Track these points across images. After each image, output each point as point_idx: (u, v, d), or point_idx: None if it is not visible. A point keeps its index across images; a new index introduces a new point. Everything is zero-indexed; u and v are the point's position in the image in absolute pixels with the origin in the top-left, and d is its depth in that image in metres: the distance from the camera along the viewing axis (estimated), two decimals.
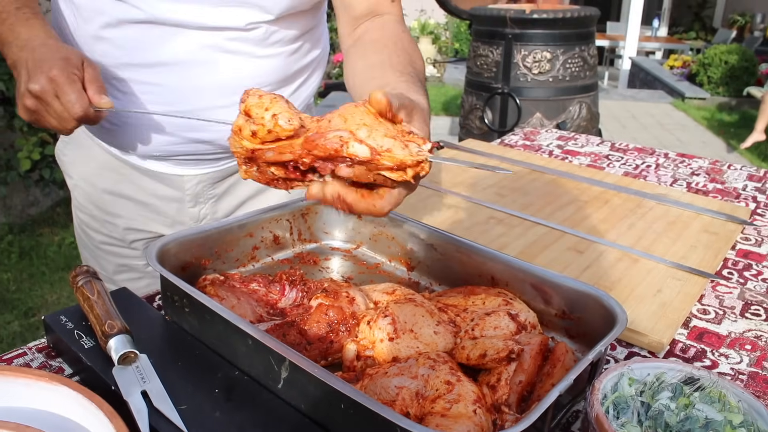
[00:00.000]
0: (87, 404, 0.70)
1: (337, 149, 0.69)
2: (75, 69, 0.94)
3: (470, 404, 0.68)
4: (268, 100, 0.73)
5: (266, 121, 0.72)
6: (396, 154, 0.68)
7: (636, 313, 1.00)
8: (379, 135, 0.69)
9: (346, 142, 0.69)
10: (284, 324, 0.82)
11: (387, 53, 0.97)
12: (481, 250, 0.96)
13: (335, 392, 0.65)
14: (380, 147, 0.68)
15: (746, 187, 1.63)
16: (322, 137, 0.70)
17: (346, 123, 0.70)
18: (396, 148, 0.68)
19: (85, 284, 0.89)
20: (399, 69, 0.92)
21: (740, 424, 0.64)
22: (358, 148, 0.68)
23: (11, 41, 0.98)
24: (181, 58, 1.07)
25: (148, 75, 1.08)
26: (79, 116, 0.94)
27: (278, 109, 0.71)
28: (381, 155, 0.68)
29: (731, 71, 8.64)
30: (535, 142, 1.97)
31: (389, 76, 0.90)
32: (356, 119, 0.70)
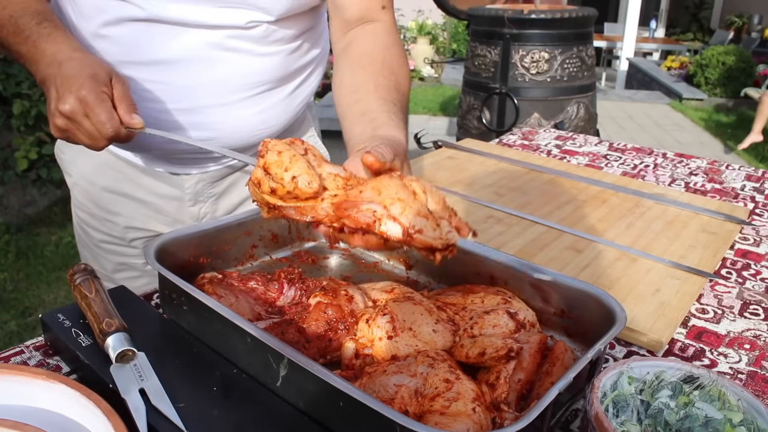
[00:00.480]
0: (85, 402, 0.70)
1: (369, 224, 0.69)
2: (104, 86, 0.93)
3: (469, 402, 0.68)
4: (287, 158, 0.73)
5: (286, 183, 0.72)
6: (426, 237, 0.68)
7: (635, 312, 1.00)
8: (412, 213, 0.69)
9: (379, 218, 0.69)
10: (283, 322, 0.81)
11: (373, 73, 1.00)
12: (480, 249, 0.96)
13: (334, 390, 0.65)
14: (413, 227, 0.68)
15: (744, 187, 1.63)
16: (355, 208, 0.70)
17: (380, 196, 0.70)
18: (428, 230, 0.68)
19: (83, 282, 0.89)
20: (383, 95, 0.95)
21: (740, 423, 0.64)
22: (391, 227, 0.68)
23: (38, 59, 0.97)
24: (182, 55, 1.07)
25: (148, 73, 1.08)
26: (110, 136, 0.93)
27: (298, 170, 0.72)
28: (413, 237, 0.68)
29: (729, 72, 8.66)
30: (533, 142, 1.97)
31: (372, 103, 0.94)
32: (391, 192, 0.70)
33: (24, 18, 0.99)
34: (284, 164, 0.73)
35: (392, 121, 0.91)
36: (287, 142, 0.79)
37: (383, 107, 0.93)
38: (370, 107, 0.94)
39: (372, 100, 0.95)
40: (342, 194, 0.73)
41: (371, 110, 0.93)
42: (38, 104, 3.69)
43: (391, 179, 0.72)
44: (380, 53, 1.04)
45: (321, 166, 0.76)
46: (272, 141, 0.77)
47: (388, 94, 0.97)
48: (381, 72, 1.00)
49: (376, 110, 0.93)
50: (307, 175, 0.72)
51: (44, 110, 3.69)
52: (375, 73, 1.00)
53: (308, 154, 0.77)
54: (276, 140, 0.77)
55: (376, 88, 0.97)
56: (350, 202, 0.71)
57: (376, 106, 0.94)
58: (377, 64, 1.02)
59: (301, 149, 0.78)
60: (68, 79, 0.92)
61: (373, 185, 0.71)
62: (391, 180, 0.72)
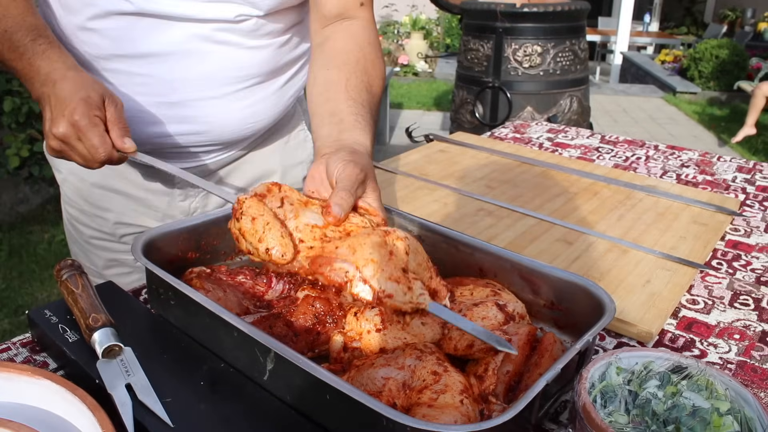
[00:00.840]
0: (70, 398, 0.69)
1: (341, 284, 0.72)
2: (96, 110, 0.94)
3: (457, 394, 0.68)
4: (261, 227, 0.76)
5: (261, 253, 0.75)
6: (396, 301, 0.71)
7: (625, 303, 0.99)
8: (384, 277, 0.71)
9: (351, 279, 0.71)
10: (270, 316, 0.81)
11: (346, 72, 1.01)
12: (469, 241, 0.95)
13: (320, 383, 0.65)
14: (383, 292, 0.71)
15: (735, 178, 1.63)
16: (329, 266, 0.72)
17: (354, 255, 0.72)
18: (398, 294, 0.72)
19: (70, 278, 0.88)
20: (353, 95, 0.98)
21: (727, 412, 0.64)
22: (362, 289, 0.71)
23: (32, 77, 0.98)
24: (170, 48, 1.06)
25: (136, 66, 1.07)
26: (102, 160, 0.95)
27: (272, 242, 0.75)
28: (382, 301, 0.71)
29: (722, 66, 8.67)
30: (525, 135, 1.97)
31: (341, 103, 0.97)
32: (365, 252, 0.73)
33: (18, 33, 0.98)
34: (258, 234, 0.76)
35: (359, 123, 0.94)
36: (262, 193, 0.82)
37: (352, 109, 0.96)
38: (339, 108, 0.96)
39: (342, 100, 0.97)
40: (318, 247, 0.76)
41: (339, 111, 0.96)
42: (29, 101, 3.67)
43: (369, 237, 0.74)
44: (355, 52, 1.05)
45: (298, 216, 0.80)
46: (247, 201, 0.80)
47: (358, 94, 0.99)
48: (354, 71, 1.02)
49: (344, 111, 0.95)
50: (281, 246, 0.75)
51: (35, 107, 3.67)
52: (348, 73, 1.01)
53: (284, 205, 0.81)
54: (251, 200, 0.80)
55: (347, 88, 0.99)
56: (324, 258, 0.73)
57: (345, 107, 0.96)
58: (351, 63, 1.03)
59: (278, 199, 0.81)
60: (61, 101, 0.93)
61: (350, 242, 0.74)
62: (368, 238, 0.74)
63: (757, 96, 6.63)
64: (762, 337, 0.96)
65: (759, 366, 0.89)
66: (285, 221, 0.80)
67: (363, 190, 0.86)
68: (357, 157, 0.87)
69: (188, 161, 1.21)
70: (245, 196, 0.82)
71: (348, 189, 0.82)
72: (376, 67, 1.06)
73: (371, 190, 0.87)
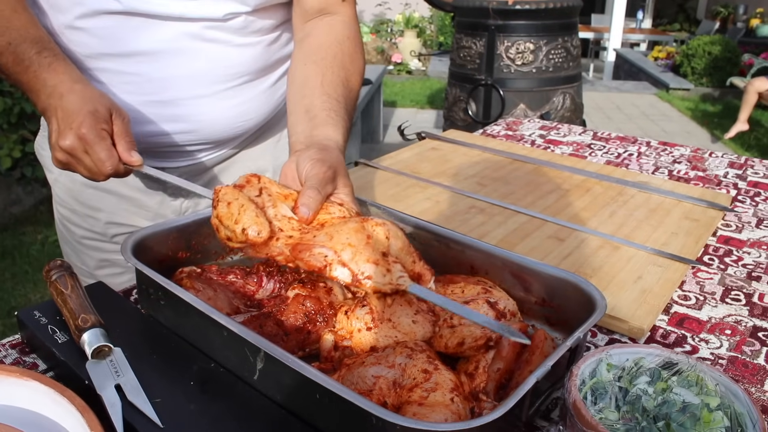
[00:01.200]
0: (59, 399, 0.69)
1: (321, 268, 0.73)
2: (104, 123, 0.94)
3: (447, 392, 0.67)
4: (236, 209, 0.78)
5: (238, 234, 0.77)
6: (376, 282, 0.73)
7: (617, 299, 0.99)
8: (362, 259, 0.73)
9: (330, 263, 0.73)
10: (261, 315, 0.81)
11: (323, 67, 1.03)
12: (459, 238, 0.95)
13: (310, 382, 0.64)
14: (362, 273, 0.73)
15: (727, 174, 1.63)
16: (308, 251, 0.74)
17: (331, 241, 0.74)
18: (377, 275, 0.73)
19: (59, 279, 0.88)
20: (328, 91, 1.00)
21: (717, 407, 0.64)
22: (341, 272, 0.73)
23: (38, 89, 0.97)
24: (159, 47, 1.05)
25: (125, 65, 1.07)
26: (109, 173, 0.95)
27: (247, 222, 0.76)
28: (361, 282, 0.73)
29: (715, 62, 8.69)
30: (517, 132, 1.97)
31: (316, 99, 0.99)
32: (342, 238, 0.75)
33: (23, 46, 0.98)
34: (234, 216, 0.77)
35: (330, 119, 0.96)
36: (240, 184, 0.84)
37: (325, 104, 0.98)
38: (313, 104, 0.98)
39: (316, 96, 0.99)
40: (297, 236, 0.78)
41: (313, 107, 0.97)
42: (21, 101, 3.66)
43: (346, 224, 0.77)
44: (333, 47, 1.06)
45: (276, 206, 0.81)
46: (223, 189, 0.82)
47: (333, 90, 1.00)
48: (330, 67, 1.03)
49: (318, 107, 0.97)
50: (256, 225, 0.76)
51: (27, 108, 3.66)
52: (324, 68, 1.03)
53: (263, 195, 0.82)
54: (227, 188, 0.82)
55: (322, 83, 1.01)
56: (304, 245, 0.75)
57: (319, 102, 0.98)
58: (328, 58, 1.04)
59: (256, 189, 0.83)
60: (69, 115, 0.93)
61: (327, 230, 0.77)
62: (344, 225, 0.77)
63: (749, 92, 6.65)
64: (753, 332, 0.96)
65: (750, 361, 0.89)
66: (264, 209, 0.81)
67: (333, 187, 0.87)
68: (326, 154, 0.88)
69: (180, 160, 1.21)
70: (221, 186, 0.83)
71: (315, 187, 0.83)
72: (355, 61, 1.07)
73: (342, 185, 0.88)
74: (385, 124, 6.91)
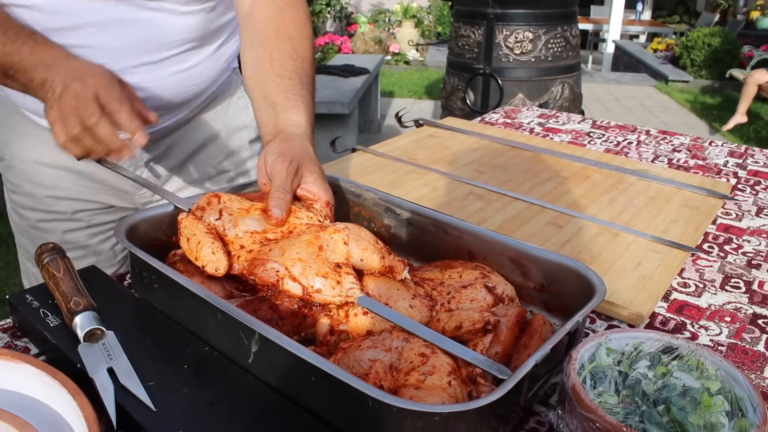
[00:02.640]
0: (50, 382, 0.68)
1: (273, 283, 0.78)
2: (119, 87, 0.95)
3: (445, 376, 0.66)
4: (194, 246, 0.82)
5: (198, 265, 0.81)
6: (325, 295, 0.76)
7: (616, 286, 0.99)
8: (311, 273, 0.77)
9: (282, 278, 0.77)
10: (255, 299, 0.79)
11: (269, 46, 1.03)
12: (457, 223, 0.94)
13: (305, 364, 0.63)
14: (311, 287, 0.76)
15: (727, 163, 1.62)
16: (262, 266, 0.78)
17: (283, 256, 0.78)
18: (326, 288, 0.76)
19: (51, 262, 0.86)
20: (279, 71, 1.01)
21: (717, 392, 0.63)
22: (292, 286, 0.77)
23: (35, 64, 0.95)
24: (105, 17, 1.06)
25: (75, 38, 1.06)
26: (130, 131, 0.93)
27: (204, 259, 0.80)
28: (311, 296, 0.76)
29: (714, 54, 8.66)
30: (516, 120, 1.95)
31: (270, 84, 1.00)
32: (293, 253, 0.78)
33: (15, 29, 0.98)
34: (193, 252, 0.82)
35: (289, 101, 0.97)
36: (202, 206, 0.88)
37: (280, 86, 0.99)
38: (269, 89, 0.99)
39: (270, 80, 1.00)
40: (256, 250, 0.82)
41: (270, 93, 0.99)
42: None
43: (299, 237, 0.81)
44: (275, 19, 1.06)
45: (237, 224, 0.85)
46: (183, 222, 0.86)
47: (283, 67, 1.01)
48: (276, 43, 1.04)
49: (274, 92, 0.98)
50: (212, 263, 0.80)
51: None
52: (270, 47, 1.03)
53: (222, 216, 0.86)
54: (186, 219, 0.86)
55: (272, 64, 1.01)
56: (258, 260, 0.79)
57: (274, 86, 0.99)
58: (272, 35, 1.05)
59: (216, 211, 0.87)
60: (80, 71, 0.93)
61: (281, 245, 0.80)
62: (297, 239, 0.81)
63: (749, 84, 6.63)
64: (753, 319, 0.95)
65: (750, 348, 0.89)
66: (225, 231, 0.85)
67: (299, 179, 0.89)
68: (288, 144, 0.90)
69: None
70: (183, 216, 0.87)
71: (281, 187, 0.86)
72: (299, 27, 1.07)
73: (308, 173, 0.90)
74: (383, 114, 6.89)
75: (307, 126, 0.96)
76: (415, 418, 0.59)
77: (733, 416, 0.61)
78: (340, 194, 1.07)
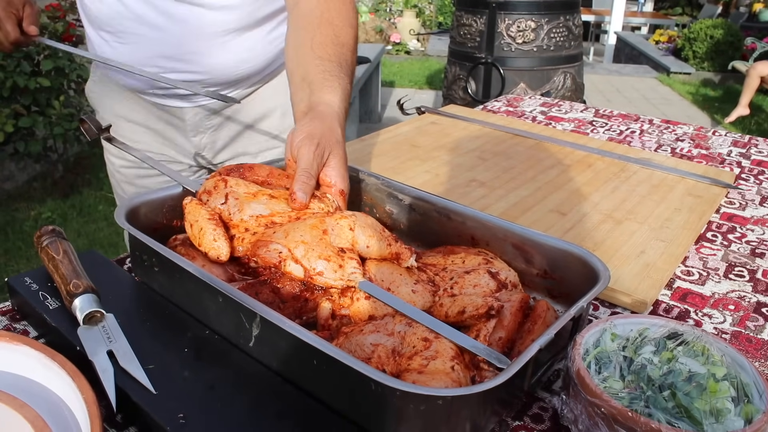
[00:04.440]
0: (49, 363, 0.67)
1: (275, 264, 0.78)
2: (14, 9, 1.24)
3: (448, 361, 0.66)
4: (197, 231, 0.82)
5: (202, 251, 0.82)
6: (326, 278, 0.76)
7: (619, 273, 0.98)
8: (314, 256, 0.77)
9: (284, 259, 0.77)
10: (257, 283, 0.79)
11: (311, 30, 1.06)
12: (460, 209, 0.93)
13: (307, 348, 0.63)
14: (313, 269, 0.76)
15: (731, 152, 1.61)
16: (265, 247, 0.79)
17: (287, 238, 0.78)
18: (328, 272, 0.76)
19: (50, 244, 0.86)
20: (319, 53, 1.02)
21: (723, 377, 0.63)
22: (293, 268, 0.77)
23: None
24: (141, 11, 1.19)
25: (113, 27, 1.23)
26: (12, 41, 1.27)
27: (206, 245, 0.81)
28: (312, 278, 0.76)
29: (716, 46, 8.62)
30: (518, 109, 1.94)
31: (309, 65, 1.01)
32: (297, 235, 0.79)
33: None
34: (196, 239, 0.82)
35: (327, 81, 0.98)
36: (208, 190, 0.88)
37: (319, 67, 1.00)
38: (308, 70, 1.01)
39: (309, 61, 1.02)
40: (260, 233, 0.82)
41: (308, 73, 1.00)
42: (13, 75, 3.60)
43: (304, 221, 0.81)
44: (319, 6, 1.09)
45: (243, 209, 0.85)
46: (187, 207, 0.86)
47: (323, 50, 1.03)
48: (318, 28, 1.06)
49: (312, 72, 1.00)
50: (214, 249, 0.80)
51: (20, 81, 3.61)
52: (313, 31, 1.06)
53: (228, 201, 0.86)
54: (191, 204, 0.86)
55: (312, 47, 1.03)
56: (262, 242, 0.79)
57: (313, 67, 1.01)
58: (315, 20, 1.07)
59: (222, 195, 0.87)
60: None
61: (286, 227, 0.81)
62: (302, 222, 0.81)
63: (752, 76, 6.60)
64: (757, 307, 0.95)
65: (754, 336, 0.88)
66: (231, 215, 0.85)
67: (324, 162, 0.89)
68: (317, 124, 0.91)
69: (194, 101, 1.32)
70: (187, 201, 0.87)
71: (307, 170, 0.86)
72: (342, 15, 1.09)
73: (332, 157, 0.90)
74: (383, 104, 6.86)
75: (339, 107, 0.96)
76: (419, 402, 0.58)
77: (739, 402, 0.61)
78: None
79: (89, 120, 1.01)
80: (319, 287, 0.78)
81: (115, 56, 1.25)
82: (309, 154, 0.87)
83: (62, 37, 3.94)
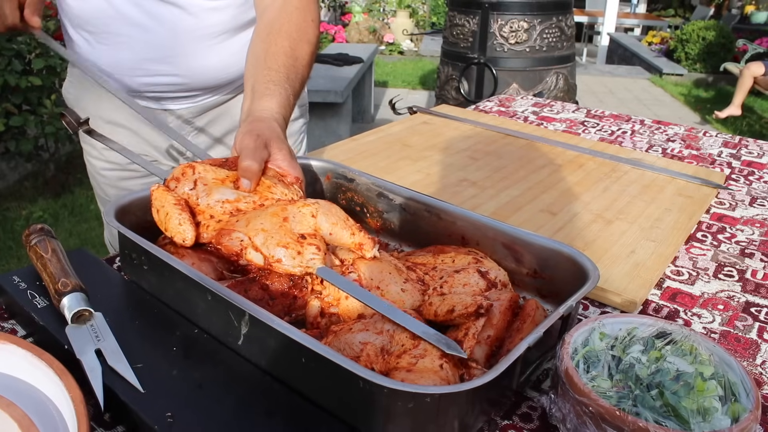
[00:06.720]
0: (37, 362, 0.67)
1: (237, 252, 0.79)
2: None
3: (437, 359, 0.66)
4: (163, 216, 0.84)
5: (168, 236, 0.83)
6: (285, 265, 0.77)
7: (609, 273, 0.98)
8: (272, 243, 0.78)
9: (245, 248, 0.79)
10: (246, 280, 0.79)
11: (268, 42, 1.09)
12: (450, 209, 0.93)
13: (296, 346, 0.63)
14: (272, 257, 0.77)
15: (721, 153, 1.62)
16: (227, 236, 0.80)
17: (247, 226, 0.80)
18: (287, 258, 0.77)
19: (39, 243, 0.85)
20: (270, 64, 1.05)
21: (711, 376, 0.63)
22: (254, 255, 0.78)
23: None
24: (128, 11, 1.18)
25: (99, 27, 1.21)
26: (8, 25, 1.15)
27: (172, 230, 0.82)
28: (272, 265, 0.77)
29: (709, 48, 8.66)
30: (510, 109, 1.95)
31: (258, 76, 1.04)
32: (257, 223, 0.80)
33: None
34: (163, 223, 0.84)
35: (268, 90, 1.01)
36: (176, 177, 0.89)
37: (265, 77, 1.03)
38: (257, 80, 1.04)
39: (259, 71, 1.05)
40: (224, 221, 0.83)
41: (256, 83, 1.03)
42: (4, 74, 3.58)
43: (265, 210, 0.83)
44: (280, 19, 1.12)
45: (211, 193, 0.86)
46: (154, 193, 0.87)
47: (275, 61, 1.06)
48: (275, 40, 1.09)
49: (259, 82, 1.03)
50: (179, 234, 0.82)
51: (11, 80, 3.59)
52: (270, 42, 1.09)
53: (197, 186, 0.87)
54: (158, 191, 0.87)
55: (266, 58, 1.07)
56: (225, 230, 0.81)
57: (261, 77, 1.03)
58: (274, 31, 1.10)
59: (191, 181, 0.88)
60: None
61: (248, 216, 0.82)
62: (263, 211, 0.82)
63: (745, 76, 6.63)
64: (746, 307, 0.95)
65: (742, 336, 0.88)
66: (198, 200, 0.86)
67: (267, 153, 0.91)
68: (256, 124, 0.94)
69: (181, 102, 1.32)
70: (154, 187, 0.88)
71: (249, 157, 0.88)
72: (302, 30, 1.12)
73: (277, 150, 0.92)
74: (376, 104, 6.86)
75: (276, 112, 0.99)
76: (407, 400, 0.58)
77: (726, 401, 0.61)
78: (333, 179, 1.06)
79: (68, 113, 1.02)
80: (307, 285, 0.78)
81: (96, 57, 1.24)
82: (250, 144, 0.89)
83: (54, 35, 3.93)
